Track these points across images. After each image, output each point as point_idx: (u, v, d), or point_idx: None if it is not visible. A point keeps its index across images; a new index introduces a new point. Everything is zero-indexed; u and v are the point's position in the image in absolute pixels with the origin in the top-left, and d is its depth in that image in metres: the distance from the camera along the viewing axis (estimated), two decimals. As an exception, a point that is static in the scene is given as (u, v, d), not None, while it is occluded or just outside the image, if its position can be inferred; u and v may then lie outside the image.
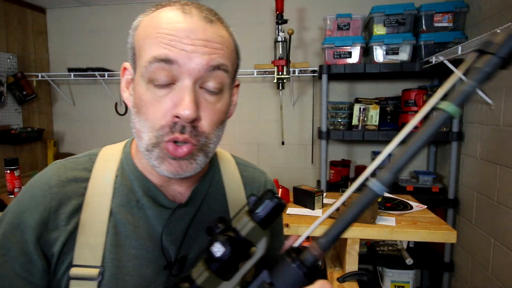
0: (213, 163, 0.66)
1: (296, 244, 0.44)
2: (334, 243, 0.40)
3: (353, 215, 0.39)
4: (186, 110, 0.47)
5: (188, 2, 0.52)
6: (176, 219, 0.58)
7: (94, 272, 0.52)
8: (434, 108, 0.37)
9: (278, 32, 2.08)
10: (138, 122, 0.52)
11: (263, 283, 0.42)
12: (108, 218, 0.55)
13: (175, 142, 0.50)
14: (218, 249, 0.42)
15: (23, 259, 0.52)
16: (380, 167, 0.41)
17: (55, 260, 0.53)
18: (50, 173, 0.56)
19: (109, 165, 0.59)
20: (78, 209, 0.54)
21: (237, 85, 0.61)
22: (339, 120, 2.10)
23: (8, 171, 1.79)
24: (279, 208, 0.43)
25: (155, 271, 0.55)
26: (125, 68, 0.57)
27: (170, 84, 0.49)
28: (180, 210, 0.58)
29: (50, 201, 0.53)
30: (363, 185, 0.40)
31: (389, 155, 0.40)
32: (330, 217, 0.44)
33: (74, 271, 0.52)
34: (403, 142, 0.39)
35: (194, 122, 0.50)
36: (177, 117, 0.49)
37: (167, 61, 0.48)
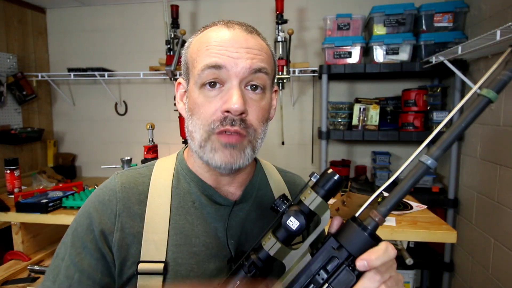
0: (259, 168, 0.72)
1: (357, 214, 0.48)
2: (391, 211, 0.45)
3: (408, 186, 0.44)
4: (236, 104, 0.54)
5: (231, 20, 0.62)
6: (233, 216, 0.63)
7: (160, 266, 0.57)
8: (475, 95, 0.42)
9: (278, 32, 2.09)
10: (191, 124, 0.59)
11: (331, 248, 0.46)
12: (169, 219, 0.60)
13: (225, 133, 0.56)
14: (293, 223, 0.46)
15: (97, 255, 0.58)
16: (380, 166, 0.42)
17: (121, 257, 0.58)
18: (115, 181, 0.63)
19: (165, 172, 0.66)
20: (142, 212, 0.60)
21: (276, 91, 0.68)
22: (339, 120, 2.10)
23: (8, 171, 1.79)
24: (341, 183, 0.48)
25: (217, 266, 0.60)
26: (179, 83, 0.66)
27: (219, 86, 0.57)
28: (236, 207, 0.64)
29: (116, 204, 0.60)
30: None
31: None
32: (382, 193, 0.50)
33: (142, 266, 0.57)
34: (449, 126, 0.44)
35: (242, 115, 0.56)
36: (227, 112, 0.55)
37: (216, 66, 0.56)
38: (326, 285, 0.45)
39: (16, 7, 2.47)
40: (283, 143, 2.40)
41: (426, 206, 1.57)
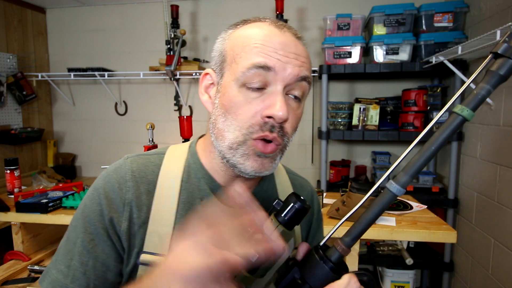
0: None
1: (322, 243, 0.47)
2: (356, 241, 0.43)
3: (373, 215, 0.41)
4: (280, 112, 0.52)
5: (279, 21, 0.59)
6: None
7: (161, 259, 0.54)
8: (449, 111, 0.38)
9: (278, 32, 2.08)
10: (224, 122, 0.56)
11: (294, 278, 0.45)
12: (175, 213, 0.59)
13: (264, 140, 0.54)
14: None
15: (109, 242, 0.57)
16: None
17: (127, 246, 0.58)
18: (126, 168, 0.61)
19: (176, 163, 0.63)
20: (149, 203, 0.59)
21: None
22: (339, 120, 2.10)
23: (8, 171, 1.78)
24: (303, 211, 0.46)
25: None
26: (206, 74, 0.62)
27: (262, 88, 0.54)
28: None
29: (125, 193, 0.58)
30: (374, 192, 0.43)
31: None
32: (348, 220, 0.47)
33: (143, 257, 0.56)
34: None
35: (283, 123, 0.55)
36: (269, 117, 0.53)
37: (265, 68, 0.53)
38: None
39: (16, 7, 2.47)
40: (283, 143, 2.39)
41: (426, 206, 1.57)
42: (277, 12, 2.07)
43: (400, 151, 2.35)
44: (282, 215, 0.46)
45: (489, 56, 0.36)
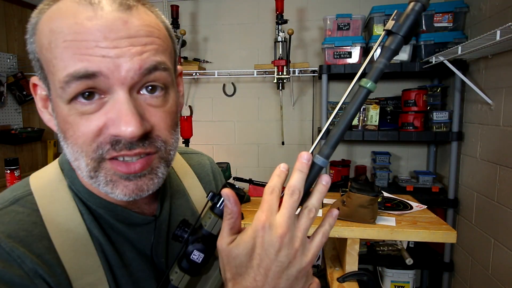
0: None
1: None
2: None
3: (305, 189, 0.42)
4: (129, 127, 0.39)
5: None
6: (157, 232, 0.54)
7: None
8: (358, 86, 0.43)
9: (278, 32, 2.09)
10: (68, 150, 0.43)
11: None
12: (96, 254, 0.46)
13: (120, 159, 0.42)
14: (198, 256, 0.44)
15: None
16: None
17: None
18: None
19: (58, 198, 0.47)
20: (56, 259, 0.43)
21: (180, 74, 0.53)
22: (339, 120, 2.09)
23: (8, 171, 1.79)
24: (238, 198, 0.44)
25: (153, 284, 0.53)
26: (35, 85, 0.46)
27: (99, 97, 0.40)
28: (157, 222, 0.54)
29: (21, 265, 0.41)
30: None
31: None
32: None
33: None
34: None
35: (141, 135, 0.41)
36: (117, 136, 0.40)
37: (88, 76, 0.38)
38: None
39: (16, 7, 2.47)
40: (283, 143, 2.40)
41: (426, 206, 1.57)
42: (277, 12, 2.07)
43: (400, 151, 2.35)
44: (219, 206, 0.45)
45: (383, 34, 0.41)
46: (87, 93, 0.40)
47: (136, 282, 0.50)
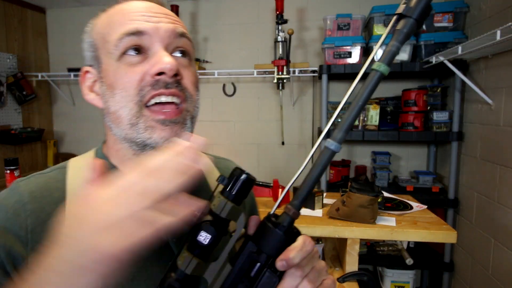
0: None
1: (271, 212, 0.46)
2: (303, 202, 0.44)
3: (316, 174, 0.42)
4: (168, 64, 0.48)
5: None
6: None
7: None
8: (369, 70, 0.43)
9: (278, 32, 2.09)
10: (114, 102, 0.50)
11: (250, 252, 0.44)
12: None
13: (159, 103, 0.49)
14: (205, 237, 0.43)
15: (5, 280, 0.47)
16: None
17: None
18: (21, 190, 0.52)
19: (83, 172, 0.55)
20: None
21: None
22: (339, 120, 2.09)
23: (8, 171, 1.78)
24: (249, 182, 0.44)
25: (162, 268, 0.54)
26: (86, 72, 0.56)
27: (143, 54, 0.50)
28: None
29: (25, 219, 0.49)
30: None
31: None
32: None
33: None
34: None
35: (177, 77, 0.50)
36: (159, 74, 0.48)
37: (137, 33, 0.49)
38: None
39: (16, 7, 2.47)
40: (283, 143, 2.40)
41: (426, 206, 1.57)
42: (277, 12, 2.07)
43: (400, 151, 2.35)
44: (228, 189, 0.44)
45: (395, 17, 0.41)
46: (135, 47, 0.50)
47: (137, 260, 0.49)
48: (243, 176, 0.44)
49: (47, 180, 0.54)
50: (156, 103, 0.49)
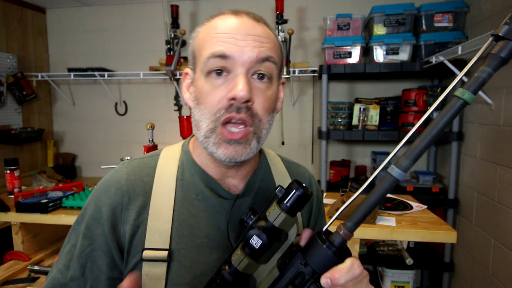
0: (263, 159, 0.71)
1: (324, 229, 0.47)
2: (358, 226, 0.44)
3: (375, 199, 0.42)
4: (241, 92, 0.53)
5: (240, 9, 0.62)
6: (235, 209, 0.63)
7: (164, 254, 0.58)
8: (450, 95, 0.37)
9: (278, 32, 2.08)
10: (198, 113, 0.58)
11: (298, 263, 0.46)
12: (173, 210, 0.61)
13: (231, 122, 0.56)
14: (256, 241, 0.46)
15: (105, 248, 0.60)
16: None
17: (127, 248, 0.59)
18: (121, 173, 0.63)
19: (170, 163, 0.66)
20: (146, 204, 0.61)
21: (283, 83, 0.67)
22: (339, 120, 2.10)
23: (8, 171, 1.78)
24: (305, 197, 0.46)
25: (219, 257, 0.60)
26: (186, 73, 0.65)
27: (225, 75, 0.56)
28: (238, 200, 0.64)
29: (122, 197, 0.61)
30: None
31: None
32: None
33: (146, 253, 0.58)
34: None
35: (248, 103, 0.55)
36: (233, 99, 0.54)
37: (222, 56, 0.55)
38: None
39: (16, 7, 2.47)
40: (283, 143, 2.40)
41: (426, 206, 1.57)
42: (277, 12, 2.07)
43: (400, 151, 2.34)
44: (285, 202, 0.47)
45: (490, 39, 0.36)
46: (218, 70, 0.56)
47: (199, 245, 0.60)
48: (300, 191, 0.46)
49: (141, 165, 0.65)
50: (228, 122, 0.57)
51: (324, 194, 1.61)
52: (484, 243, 1.69)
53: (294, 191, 0.46)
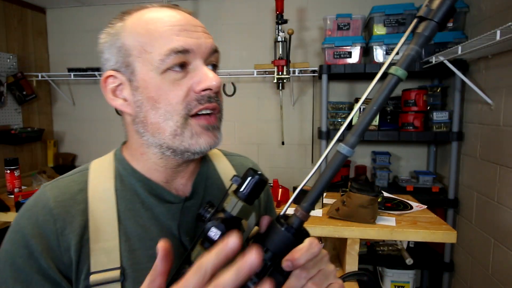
0: (205, 156, 0.68)
1: (282, 213, 0.47)
2: (314, 205, 0.44)
3: (328, 177, 0.43)
4: (214, 81, 0.53)
5: (164, 4, 0.59)
6: (185, 212, 0.60)
7: (116, 273, 0.52)
8: (385, 73, 0.41)
9: (278, 32, 2.09)
10: (156, 114, 0.54)
11: None
12: (118, 225, 0.55)
13: (200, 113, 0.55)
14: (215, 233, 0.44)
15: (49, 284, 0.51)
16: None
17: (74, 276, 0.52)
18: (45, 197, 0.55)
19: (104, 174, 0.59)
20: (85, 224, 0.54)
21: None
22: (339, 120, 2.10)
23: (8, 171, 1.79)
24: (262, 183, 0.46)
25: (175, 265, 0.55)
26: (107, 77, 0.56)
27: (185, 69, 0.54)
28: (187, 203, 0.61)
29: (54, 223, 0.53)
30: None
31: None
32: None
33: (94, 277, 0.51)
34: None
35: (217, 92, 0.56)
36: (205, 90, 0.54)
37: (184, 51, 0.52)
38: None
39: (16, 7, 2.47)
40: (283, 143, 2.40)
41: (426, 206, 1.57)
42: (277, 12, 2.07)
43: (400, 151, 2.35)
44: (241, 190, 0.46)
45: (415, 20, 0.39)
46: (181, 65, 0.53)
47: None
48: (256, 177, 0.46)
49: (70, 183, 0.58)
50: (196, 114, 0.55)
51: (324, 194, 1.61)
52: (484, 243, 1.69)
53: (250, 178, 0.46)
